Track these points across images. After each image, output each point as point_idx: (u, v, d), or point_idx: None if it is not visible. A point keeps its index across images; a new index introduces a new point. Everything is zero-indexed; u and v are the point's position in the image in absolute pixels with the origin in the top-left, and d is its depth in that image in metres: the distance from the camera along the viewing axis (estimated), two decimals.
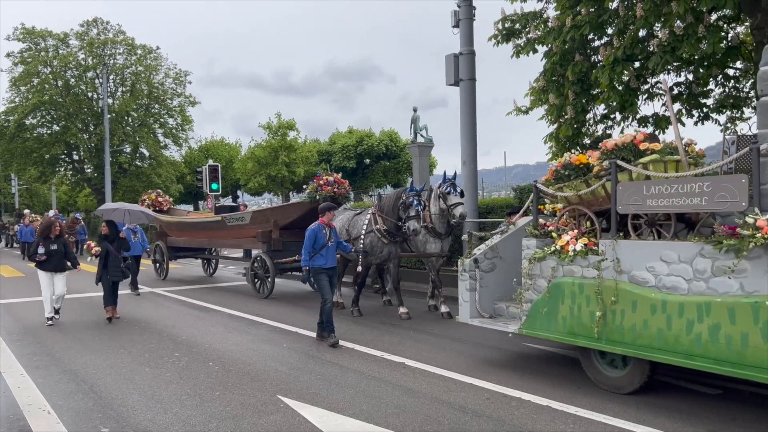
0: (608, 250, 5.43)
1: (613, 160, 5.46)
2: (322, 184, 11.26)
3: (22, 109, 34.47)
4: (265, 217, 12.60)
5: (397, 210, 9.34)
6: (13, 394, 5.94)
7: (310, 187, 11.52)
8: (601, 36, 9.99)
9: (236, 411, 5.31)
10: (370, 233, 9.70)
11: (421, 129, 25.18)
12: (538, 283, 6.07)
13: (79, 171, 38.80)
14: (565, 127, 10.32)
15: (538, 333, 6.03)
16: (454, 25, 12.79)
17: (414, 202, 9.13)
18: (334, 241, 8.06)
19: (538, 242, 6.22)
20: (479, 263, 6.80)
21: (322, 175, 11.52)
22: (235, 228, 13.36)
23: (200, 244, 15.63)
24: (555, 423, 4.88)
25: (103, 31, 36.86)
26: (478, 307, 6.75)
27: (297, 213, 12.03)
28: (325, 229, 7.95)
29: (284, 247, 12.24)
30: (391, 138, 43.77)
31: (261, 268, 12.40)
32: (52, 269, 9.57)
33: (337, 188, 11.34)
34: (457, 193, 9.60)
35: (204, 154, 44.93)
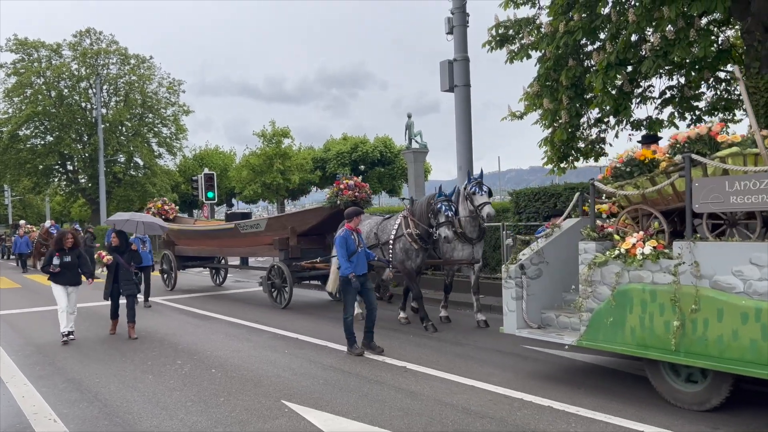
0: (685, 253, 4.92)
1: (686, 153, 5.00)
2: (343, 188, 10.83)
3: (16, 120, 34.49)
4: (282, 223, 12.20)
5: (427, 215, 8.98)
6: (18, 403, 5.97)
7: (330, 192, 11.11)
8: (594, 41, 10.13)
9: (241, 416, 5.35)
10: (400, 237, 9.28)
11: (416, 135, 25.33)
12: (600, 291, 5.58)
13: (73, 181, 38.77)
14: (559, 131, 10.44)
15: (600, 345, 5.57)
16: (448, 32, 12.95)
17: (442, 207, 8.71)
18: (363, 247, 7.77)
19: (598, 245, 5.72)
20: (525, 269, 6.31)
21: (342, 179, 11.08)
22: (250, 235, 12.92)
23: (211, 252, 15.18)
24: (557, 422, 4.95)
25: (96, 42, 36.99)
26: (525, 316, 6.28)
27: (316, 219, 11.59)
28: (353, 234, 7.67)
29: (302, 254, 11.81)
30: (385, 144, 43.93)
31: (278, 277, 11.92)
32: (66, 282, 9.04)
33: (358, 192, 10.87)
34: (484, 192, 9.06)
35: (198, 162, 44.96)
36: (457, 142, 12.94)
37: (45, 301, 13.95)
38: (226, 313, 11.37)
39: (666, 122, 10.32)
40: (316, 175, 42.51)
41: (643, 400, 5.43)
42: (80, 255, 9.17)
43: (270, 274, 12.11)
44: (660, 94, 10.49)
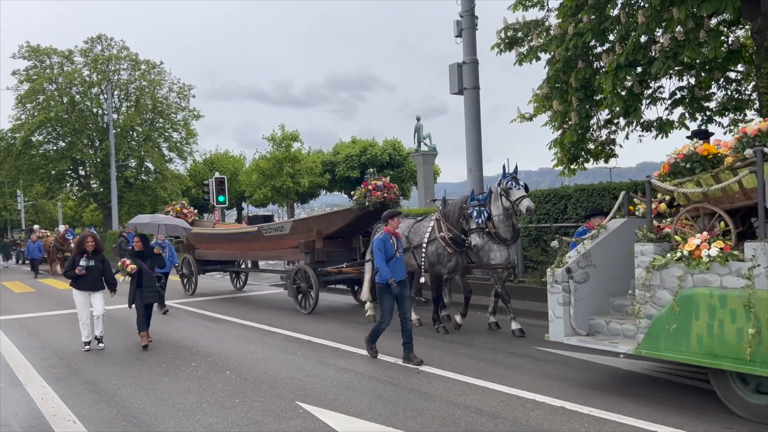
0: (760, 255, 4.58)
1: (758, 147, 4.69)
2: (371, 189, 10.43)
3: (29, 126, 34.81)
4: (308, 226, 11.85)
5: (459, 220, 8.68)
6: (38, 405, 6.07)
7: (358, 193, 10.68)
8: (603, 43, 10.14)
9: (257, 417, 5.42)
10: (433, 241, 8.93)
11: (425, 138, 25.42)
12: (659, 296, 5.22)
13: (85, 186, 39.08)
14: (569, 133, 10.45)
15: (662, 354, 5.23)
16: (456, 35, 13.00)
17: (473, 213, 8.34)
18: (402, 252, 7.46)
19: (656, 247, 5.36)
20: (572, 273, 5.97)
21: (369, 179, 10.66)
22: (273, 239, 12.59)
23: (232, 256, 14.92)
24: (570, 423, 4.98)
25: (107, 48, 37.28)
26: (573, 323, 5.96)
27: (343, 221, 11.27)
28: (392, 238, 7.34)
29: (328, 258, 11.46)
30: (394, 147, 43.97)
31: (303, 281, 11.55)
32: (89, 288, 8.67)
33: (387, 193, 10.48)
34: (521, 187, 8.66)
35: (209, 167, 45.20)
36: (466, 145, 12.97)
37: (59, 305, 14.13)
38: (239, 315, 11.46)
39: (677, 123, 10.31)
40: (326, 178, 42.63)
41: (656, 401, 5.45)
42: (104, 260, 8.86)
43: (295, 278, 11.78)
44: (670, 95, 10.48)
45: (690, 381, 6.02)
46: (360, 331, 9.41)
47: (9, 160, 36.02)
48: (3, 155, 36.20)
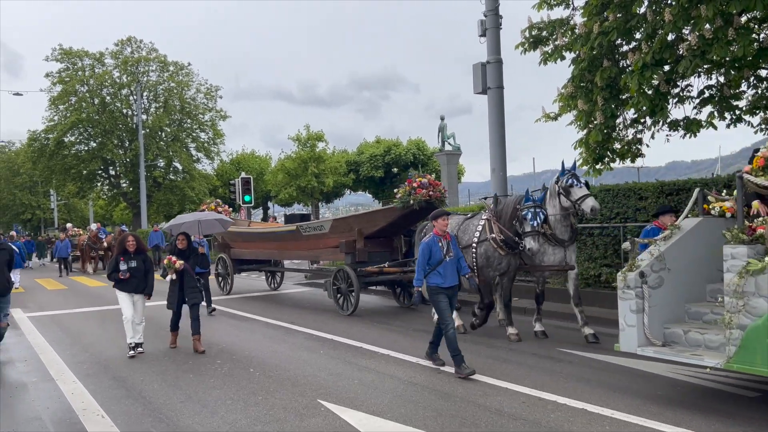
0: None
1: None
2: (416, 186, 9.97)
3: (61, 127, 35.66)
4: (348, 225, 11.50)
5: (513, 221, 8.17)
6: (68, 399, 6.25)
7: (401, 191, 10.20)
8: (630, 41, 10.01)
9: (279, 414, 5.50)
10: (483, 242, 8.43)
11: (449, 137, 25.37)
12: (754, 304, 4.74)
13: (115, 186, 39.88)
14: (594, 132, 10.35)
15: (758, 369, 4.73)
16: (480, 35, 12.96)
17: (528, 215, 7.82)
18: (454, 255, 6.87)
19: (750, 250, 4.88)
20: (646, 277, 5.52)
21: (414, 176, 10.19)
22: (312, 238, 12.30)
23: (269, 255, 14.67)
24: (591, 425, 4.95)
25: (137, 49, 37.98)
26: (647, 332, 5.50)
27: (385, 221, 10.87)
28: (441, 241, 6.79)
29: (369, 258, 11.12)
30: (418, 147, 43.96)
31: (343, 282, 11.21)
32: (132, 289, 8.24)
33: (433, 191, 10.04)
34: (582, 185, 8.15)
35: (235, 166, 45.71)
36: (490, 145, 12.92)
37: (90, 302, 14.48)
38: (264, 314, 11.60)
39: (705, 122, 10.13)
40: (350, 178, 42.81)
41: (680, 404, 5.39)
42: (146, 259, 8.45)
43: (335, 279, 11.44)
44: (698, 94, 10.31)
45: (716, 384, 5.93)
46: (381, 330, 9.47)
47: (42, 160, 36.98)
48: (37, 155, 37.16)
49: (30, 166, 39.83)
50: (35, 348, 9.00)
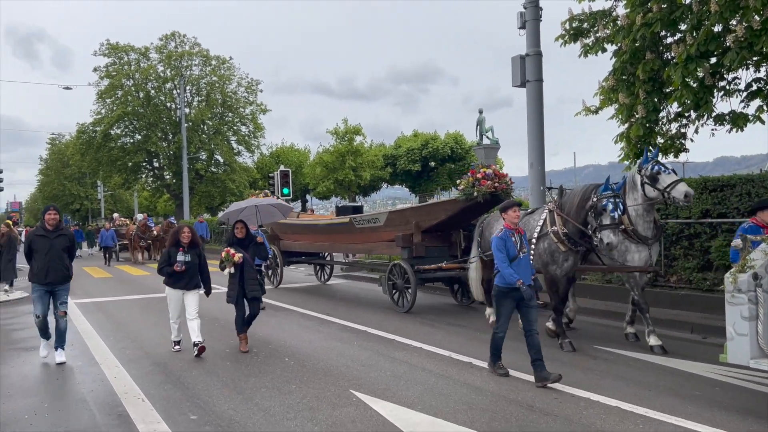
0: None
1: None
2: (480, 178, 9.34)
3: (108, 120, 36.78)
4: (405, 218, 10.90)
5: (584, 213, 7.29)
6: (111, 383, 6.48)
7: (464, 182, 9.57)
8: (674, 33, 9.74)
9: (312, 403, 5.60)
10: (544, 236, 7.69)
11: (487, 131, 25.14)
12: None
13: (159, 178, 40.93)
14: (636, 126, 10.13)
15: None
16: (520, 27, 12.79)
17: (608, 206, 6.96)
18: (527, 252, 6.36)
19: None
20: (760, 279, 4.96)
21: (477, 167, 9.60)
22: (366, 231, 11.79)
23: (319, 248, 14.36)
24: (624, 423, 4.89)
25: (181, 44, 38.82)
26: (762, 342, 4.93)
27: (445, 214, 10.24)
28: (514, 235, 6.27)
29: (426, 253, 10.61)
30: (456, 140, 43.76)
31: (400, 278, 10.75)
32: (183, 286, 7.72)
33: (498, 182, 9.37)
34: (670, 170, 7.43)
35: (275, 159, 46.39)
36: (528, 139, 12.77)
37: (133, 291, 14.93)
38: (299, 304, 11.77)
39: (752, 117, 9.79)
40: (387, 171, 42.92)
41: (719, 405, 5.27)
42: (200, 254, 7.86)
43: (390, 275, 10.98)
44: (746, 87, 9.96)
45: (758, 386, 5.77)
46: (415, 323, 9.50)
47: (90, 152, 38.23)
48: (85, 148, 38.44)
49: (78, 158, 41.23)
50: (81, 333, 9.35)
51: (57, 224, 7.45)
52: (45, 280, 7.23)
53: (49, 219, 7.39)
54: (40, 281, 7.25)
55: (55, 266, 7.24)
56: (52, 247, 7.26)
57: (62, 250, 7.34)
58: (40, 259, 7.23)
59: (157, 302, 12.57)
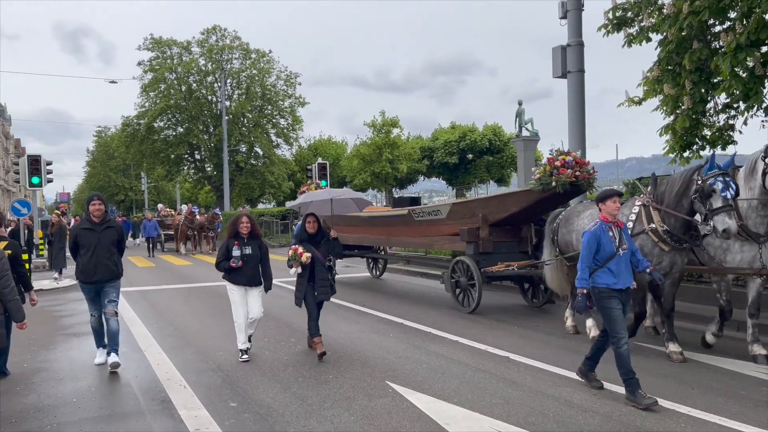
0: None
1: None
2: (559, 166, 8.46)
3: (151, 113, 37.67)
4: (471, 210, 10.06)
5: (689, 201, 6.25)
6: (154, 369, 6.68)
7: (540, 171, 8.68)
8: (722, 21, 9.41)
9: (348, 393, 5.66)
10: (639, 235, 6.54)
11: (527, 123, 24.78)
12: None
13: (200, 169, 41.75)
14: (682, 118, 9.84)
15: None
16: (561, 17, 12.56)
17: (718, 185, 5.92)
18: (627, 248, 5.49)
19: None
20: None
21: (555, 154, 8.66)
22: (425, 224, 11.06)
23: (375, 242, 13.57)
24: (665, 422, 4.79)
25: (221, 38, 39.40)
26: None
27: (517, 206, 9.34)
28: (611, 229, 5.46)
29: (494, 248, 9.74)
30: (494, 132, 43.26)
31: (463, 275, 9.89)
32: (246, 282, 7.00)
33: (579, 171, 8.48)
34: None
35: (313, 152, 46.71)
36: (569, 131, 12.56)
37: (175, 280, 15.31)
38: (337, 296, 11.81)
39: None
40: (424, 164, 42.77)
41: (764, 404, 5.10)
42: (261, 246, 7.16)
43: (453, 272, 10.13)
44: None
45: None
46: (453, 316, 9.47)
47: (135, 145, 39.24)
48: (130, 140, 39.47)
49: (123, 150, 42.40)
50: (126, 321, 9.64)
51: (103, 216, 6.75)
52: (92, 278, 6.60)
53: (93, 210, 6.71)
54: (86, 279, 6.63)
55: (103, 262, 6.61)
56: (100, 242, 6.62)
57: (111, 244, 6.71)
58: (87, 256, 6.58)
59: (198, 291, 12.88)
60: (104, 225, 6.74)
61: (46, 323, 9.65)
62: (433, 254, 15.59)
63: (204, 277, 15.49)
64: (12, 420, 5.21)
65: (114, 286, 6.80)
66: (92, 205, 6.75)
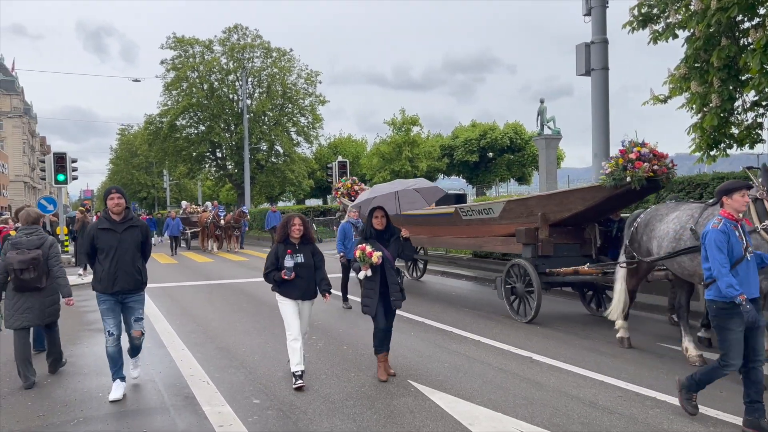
0: None
1: None
2: (634, 159, 7.49)
3: (174, 112, 38.03)
4: (528, 208, 9.10)
5: None
6: (177, 365, 6.74)
7: (611, 164, 7.70)
8: (752, 17, 9.24)
9: (370, 392, 5.65)
10: (752, 234, 5.46)
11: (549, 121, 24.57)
12: None
13: (222, 167, 42.08)
14: (710, 116, 9.68)
15: None
16: (585, 14, 12.44)
17: None
18: (752, 251, 4.75)
19: None
20: None
21: (629, 145, 7.64)
22: (474, 223, 10.26)
23: (416, 242, 12.31)
24: (694, 425, 4.71)
25: (243, 37, 39.62)
26: None
27: (583, 204, 8.36)
28: (737, 229, 4.72)
29: (554, 251, 8.85)
30: (515, 131, 43.00)
31: (520, 281, 8.94)
32: (299, 295, 6.00)
33: (658, 164, 7.50)
34: None
35: (332, 150, 46.86)
36: (593, 129, 12.42)
37: (197, 277, 15.44)
38: (357, 293, 11.85)
39: None
40: (444, 162, 42.65)
41: None
42: (315, 252, 6.14)
43: (508, 277, 9.20)
44: None
45: None
46: (473, 316, 9.41)
47: (157, 143, 39.67)
48: (152, 138, 39.91)
49: (146, 148, 42.88)
50: (150, 317, 9.72)
51: (124, 212, 5.75)
52: (113, 289, 5.61)
53: (112, 206, 5.68)
54: (106, 290, 5.63)
55: (126, 269, 5.63)
56: (121, 244, 5.62)
57: (134, 247, 5.72)
58: (107, 261, 5.59)
59: (220, 288, 12.98)
60: (126, 224, 5.72)
61: (71, 318, 9.78)
62: (453, 253, 15.40)
63: (226, 275, 15.63)
64: (39, 414, 5.30)
65: (139, 300, 5.86)
66: (110, 200, 5.70)
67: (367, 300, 6.17)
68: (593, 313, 9.40)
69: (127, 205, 5.86)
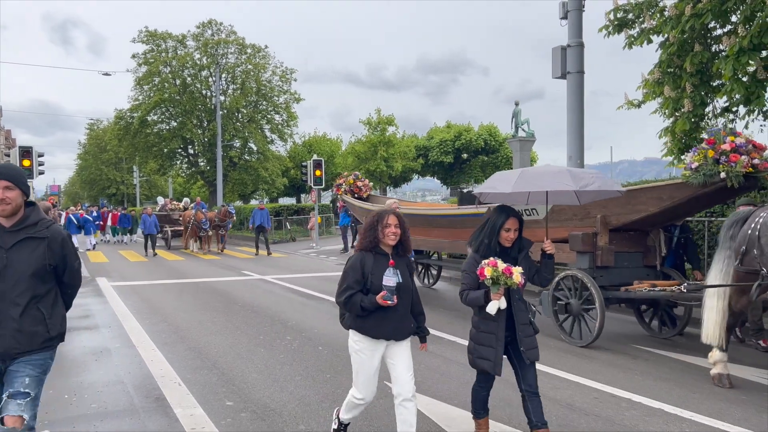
0: None
1: None
2: (729, 151, 6.15)
3: (145, 107, 37.31)
4: (584, 209, 7.52)
5: None
6: (148, 366, 6.56)
7: (697, 157, 6.36)
8: (725, 24, 9.40)
9: (346, 393, 5.54)
10: None
11: (523, 123, 24.79)
12: None
13: (194, 164, 41.43)
14: (681, 121, 9.83)
15: None
16: (562, 17, 12.52)
17: None
18: None
19: None
20: None
21: (719, 135, 6.38)
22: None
23: (435, 246, 11.17)
24: (668, 426, 4.74)
25: (217, 32, 39.09)
26: None
27: (658, 205, 6.99)
28: None
29: (615, 262, 7.54)
30: (490, 132, 43.31)
31: (575, 296, 7.55)
32: (391, 333, 4.18)
33: (759, 157, 6.19)
34: None
35: (307, 149, 46.53)
36: (568, 131, 12.52)
37: (168, 275, 15.15)
38: (330, 292, 11.77)
39: None
40: (419, 162, 42.74)
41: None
42: (410, 265, 4.24)
43: (558, 291, 7.82)
44: None
45: None
46: (452, 318, 9.40)
47: (127, 138, 38.88)
48: (122, 133, 39.10)
49: (116, 143, 41.97)
50: (118, 315, 9.51)
51: (20, 213, 3.20)
52: None
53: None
54: None
55: (10, 314, 3.14)
56: (6, 269, 3.12)
57: (32, 275, 3.18)
58: None
59: (191, 287, 12.73)
60: (21, 233, 3.20)
61: None
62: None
63: (197, 273, 15.37)
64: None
65: (30, 363, 3.31)
66: None
67: (484, 350, 4.30)
68: (655, 335, 8.04)
69: (28, 202, 3.28)
